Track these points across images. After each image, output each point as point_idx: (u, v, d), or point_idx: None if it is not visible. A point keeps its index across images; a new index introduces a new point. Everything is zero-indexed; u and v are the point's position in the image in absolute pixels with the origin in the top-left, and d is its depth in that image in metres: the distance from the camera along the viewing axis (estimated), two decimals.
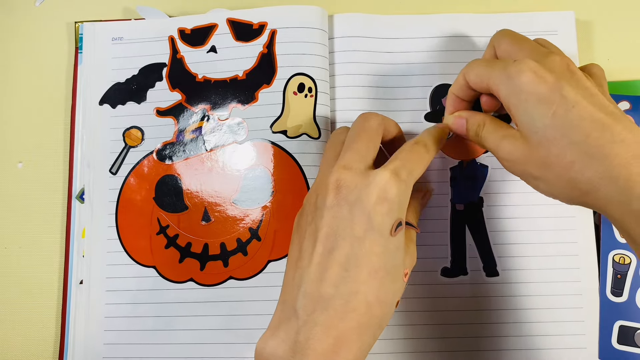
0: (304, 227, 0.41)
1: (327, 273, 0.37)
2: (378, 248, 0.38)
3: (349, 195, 0.39)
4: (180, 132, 0.52)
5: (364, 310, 0.37)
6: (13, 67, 0.56)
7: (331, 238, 0.38)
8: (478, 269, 0.50)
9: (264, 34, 0.53)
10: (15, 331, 0.52)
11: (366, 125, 0.43)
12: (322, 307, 0.37)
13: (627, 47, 0.54)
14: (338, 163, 0.40)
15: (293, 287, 0.39)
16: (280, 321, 0.38)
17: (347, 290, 0.37)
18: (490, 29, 0.53)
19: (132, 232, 0.51)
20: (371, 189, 0.38)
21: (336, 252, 0.38)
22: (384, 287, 0.38)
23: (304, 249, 0.39)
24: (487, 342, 0.49)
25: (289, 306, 0.38)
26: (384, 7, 0.55)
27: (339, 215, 0.38)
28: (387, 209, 0.38)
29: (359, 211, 0.38)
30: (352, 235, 0.38)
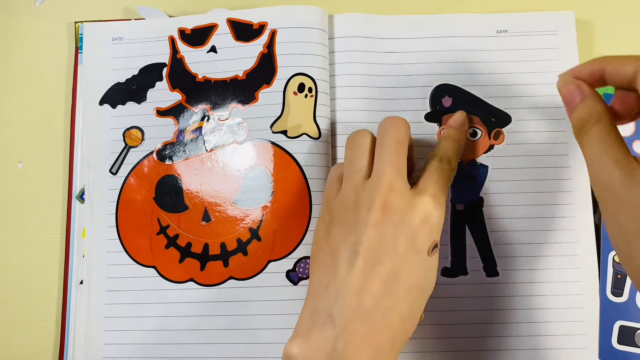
0: (338, 237, 0.42)
1: (369, 286, 0.38)
2: (416, 267, 0.40)
3: (394, 216, 0.40)
4: (181, 132, 0.52)
5: (398, 325, 0.39)
6: (13, 67, 0.56)
7: (374, 253, 0.39)
8: (478, 269, 0.50)
9: (264, 34, 0.53)
10: (15, 331, 0.52)
11: (399, 135, 0.44)
12: (362, 319, 0.38)
13: (627, 47, 0.54)
14: (382, 181, 0.41)
15: (328, 296, 0.39)
16: (312, 327, 0.39)
17: (386, 305, 0.38)
18: (490, 29, 0.53)
19: (132, 232, 0.51)
20: (416, 212, 0.40)
21: (379, 268, 0.39)
22: (416, 303, 0.40)
23: (342, 260, 0.40)
24: (487, 342, 0.49)
25: (323, 313, 0.39)
26: (384, 7, 0.55)
27: (383, 233, 0.40)
28: (428, 231, 0.40)
29: (403, 231, 0.40)
30: (395, 253, 0.39)
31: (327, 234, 0.43)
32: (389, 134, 0.44)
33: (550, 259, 0.50)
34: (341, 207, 0.43)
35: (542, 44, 0.53)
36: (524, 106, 0.52)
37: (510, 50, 0.53)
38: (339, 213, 0.43)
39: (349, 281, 0.39)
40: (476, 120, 0.52)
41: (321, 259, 0.42)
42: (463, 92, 0.52)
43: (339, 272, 0.40)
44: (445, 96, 0.52)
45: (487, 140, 0.52)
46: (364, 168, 0.44)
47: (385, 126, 0.44)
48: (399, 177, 0.42)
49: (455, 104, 0.52)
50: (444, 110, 0.52)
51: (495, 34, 0.53)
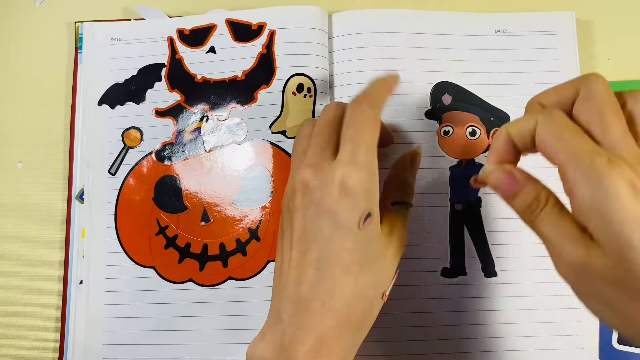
0: (282, 231, 0.41)
1: (303, 275, 0.37)
2: (348, 244, 0.37)
3: (313, 196, 0.38)
4: (180, 133, 0.52)
5: (341, 308, 0.37)
6: (13, 67, 0.56)
7: (303, 240, 0.38)
8: (477, 269, 0.50)
9: (263, 35, 0.53)
10: (15, 331, 0.52)
11: (324, 117, 0.42)
12: (301, 309, 0.37)
13: (627, 47, 0.54)
14: (304, 161, 0.40)
15: (278, 292, 0.39)
16: (269, 325, 0.39)
17: (322, 291, 0.37)
18: (489, 28, 0.53)
19: (131, 232, 0.51)
20: (331, 186, 0.37)
21: (308, 254, 0.37)
22: (361, 281, 0.38)
23: (284, 253, 0.40)
24: (486, 343, 0.49)
25: (275, 310, 0.39)
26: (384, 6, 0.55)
27: (307, 217, 0.38)
28: (351, 203, 0.37)
29: (324, 210, 0.37)
30: (321, 235, 0.37)
31: (279, 231, 0.43)
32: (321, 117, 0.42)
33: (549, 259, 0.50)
34: (283, 200, 0.42)
35: (541, 44, 0.53)
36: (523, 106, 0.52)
37: (508, 49, 0.53)
38: (283, 206, 0.42)
39: (289, 274, 0.38)
40: (475, 119, 0.52)
41: (276, 257, 0.42)
42: (463, 90, 0.52)
43: (284, 266, 0.39)
44: (445, 94, 0.52)
45: (486, 140, 0.52)
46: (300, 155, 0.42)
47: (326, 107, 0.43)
48: (320, 154, 0.39)
49: (455, 102, 0.52)
50: (444, 107, 0.52)
51: (494, 33, 0.53)
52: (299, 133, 0.44)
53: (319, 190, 0.38)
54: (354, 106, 0.40)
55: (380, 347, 0.49)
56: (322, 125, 0.41)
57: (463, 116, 0.52)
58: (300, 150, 0.42)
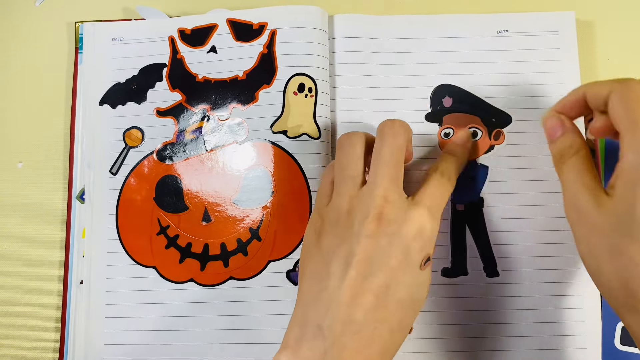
0: (330, 247, 0.41)
1: (360, 299, 0.38)
2: (409, 280, 0.40)
3: (388, 228, 0.40)
4: (181, 133, 0.52)
5: (387, 337, 0.39)
6: (13, 67, 0.56)
7: (367, 265, 0.39)
8: (478, 269, 0.50)
9: (264, 34, 0.53)
10: (15, 331, 0.52)
11: (397, 142, 0.43)
12: (352, 331, 0.37)
13: (627, 47, 0.54)
14: (377, 192, 0.41)
15: (318, 306, 0.39)
16: (302, 339, 0.39)
17: (376, 318, 0.38)
18: (491, 29, 0.53)
19: (133, 232, 0.51)
20: (410, 225, 0.40)
21: (371, 280, 0.38)
22: (407, 316, 0.40)
23: (333, 270, 0.40)
24: (487, 343, 0.49)
25: (313, 325, 0.39)
26: (384, 7, 0.55)
27: (377, 245, 0.39)
28: (422, 245, 0.40)
29: (397, 244, 0.39)
30: (388, 265, 0.39)
31: (317, 241, 0.43)
32: (387, 141, 0.43)
33: (550, 259, 0.50)
34: (333, 215, 0.42)
35: (543, 44, 0.53)
36: (525, 106, 0.52)
37: (510, 50, 0.53)
38: (330, 221, 0.42)
39: (340, 293, 0.38)
40: (476, 121, 0.52)
41: (311, 267, 0.42)
42: (464, 92, 0.52)
43: (330, 283, 0.39)
44: (446, 96, 0.52)
45: (488, 141, 0.52)
46: (357, 175, 0.43)
47: (383, 131, 0.44)
48: (395, 188, 0.41)
49: (456, 104, 0.52)
50: (445, 110, 0.52)
51: (496, 34, 0.53)
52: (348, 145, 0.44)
53: (396, 224, 0.40)
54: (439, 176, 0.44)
55: None
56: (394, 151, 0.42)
57: (464, 118, 0.52)
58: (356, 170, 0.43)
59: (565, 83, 0.52)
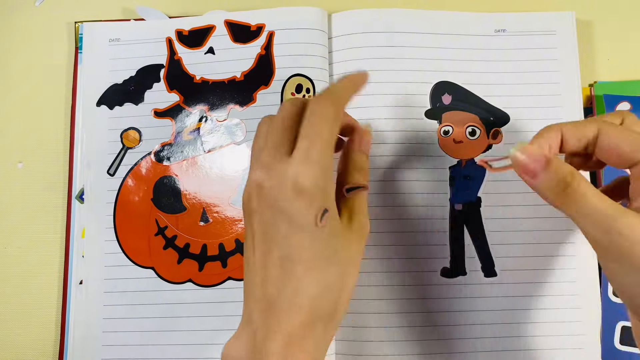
0: (246, 233, 0.40)
1: (268, 276, 0.37)
2: (306, 242, 0.36)
3: (268, 197, 0.37)
4: (178, 134, 0.52)
5: (307, 304, 0.37)
6: (13, 67, 0.56)
7: (264, 241, 0.37)
8: (477, 269, 0.50)
9: (262, 36, 0.53)
10: (15, 331, 0.52)
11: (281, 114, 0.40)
12: (270, 309, 0.37)
13: (627, 47, 0.54)
14: (259, 160, 0.38)
15: (247, 292, 0.39)
16: (242, 326, 0.39)
17: (288, 290, 0.37)
18: (489, 28, 0.53)
19: (131, 233, 0.51)
20: (284, 186, 0.36)
21: (270, 255, 0.37)
22: (325, 276, 0.37)
23: (249, 255, 0.39)
24: (486, 343, 0.49)
25: (247, 312, 0.39)
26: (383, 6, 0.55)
27: (264, 219, 0.37)
28: (307, 202, 0.36)
29: (279, 211, 0.37)
30: (279, 235, 0.37)
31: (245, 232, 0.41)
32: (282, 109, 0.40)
33: (549, 259, 0.50)
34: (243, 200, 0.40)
35: (541, 44, 0.53)
36: (523, 106, 0.52)
37: (508, 49, 0.53)
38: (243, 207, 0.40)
39: (255, 275, 0.38)
40: (475, 119, 0.52)
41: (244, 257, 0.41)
42: (463, 90, 0.52)
43: (249, 268, 0.39)
44: (445, 93, 0.52)
45: (486, 140, 0.52)
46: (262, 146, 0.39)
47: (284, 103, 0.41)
48: (273, 153, 0.38)
49: (455, 101, 0.52)
50: (444, 107, 0.52)
51: (494, 33, 0.53)
52: (257, 131, 0.41)
53: (273, 190, 0.37)
54: (313, 103, 0.39)
55: (380, 347, 0.49)
56: (278, 122, 0.39)
57: (463, 116, 0.52)
58: (257, 150, 0.40)
59: (562, 82, 0.52)
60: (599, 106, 0.52)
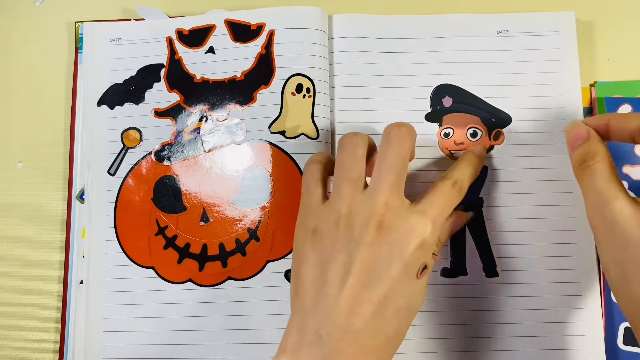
0: (328, 252, 0.41)
1: (359, 307, 0.38)
2: (406, 290, 0.40)
3: (389, 237, 0.39)
4: (179, 133, 0.52)
5: (385, 344, 0.39)
6: (13, 67, 0.56)
7: (366, 274, 0.39)
8: (478, 269, 0.50)
9: (262, 35, 0.53)
10: (15, 331, 0.52)
11: (403, 150, 0.42)
12: (350, 340, 0.37)
13: (627, 47, 0.54)
14: (379, 198, 0.40)
15: (317, 313, 0.39)
16: (300, 345, 0.38)
17: (374, 327, 0.38)
18: (491, 29, 0.53)
19: (131, 233, 0.51)
20: (412, 235, 0.39)
21: (370, 289, 0.39)
22: (403, 325, 0.40)
23: (332, 277, 0.39)
24: (487, 343, 0.49)
25: (311, 331, 0.38)
26: (383, 7, 0.55)
27: (377, 254, 0.39)
28: (421, 254, 0.40)
29: (397, 254, 0.39)
30: (388, 275, 0.39)
31: (313, 243, 0.42)
32: (392, 146, 0.42)
33: (550, 259, 0.50)
34: (331, 219, 0.41)
35: (543, 45, 0.52)
36: (524, 107, 0.52)
37: (510, 50, 0.53)
38: (329, 225, 0.41)
39: (339, 301, 0.38)
40: (476, 121, 0.52)
41: (307, 271, 0.41)
42: (464, 92, 0.52)
43: (329, 291, 0.39)
44: (446, 96, 0.52)
45: (487, 141, 0.51)
46: (358, 178, 0.42)
47: (389, 135, 0.43)
48: (397, 194, 0.41)
49: (456, 104, 0.52)
50: (445, 110, 0.52)
51: (496, 34, 0.53)
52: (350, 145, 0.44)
53: (397, 233, 0.40)
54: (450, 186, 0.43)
55: None
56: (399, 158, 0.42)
57: (464, 118, 0.52)
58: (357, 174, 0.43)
59: (564, 83, 0.52)
60: (600, 108, 0.52)
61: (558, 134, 0.51)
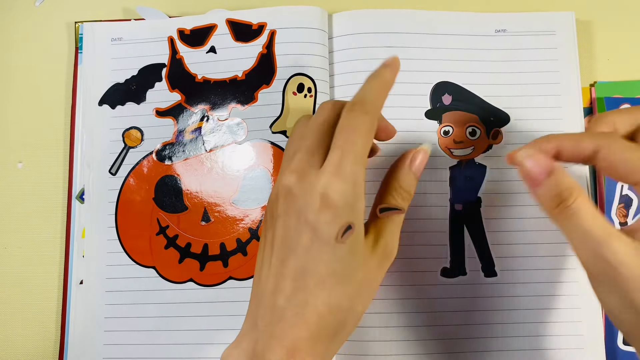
0: (264, 235, 0.40)
1: (280, 285, 0.36)
2: (325, 256, 0.36)
3: (295, 204, 0.37)
4: (180, 133, 0.52)
5: (314, 320, 0.36)
6: (13, 67, 0.56)
7: (283, 248, 0.37)
8: (477, 269, 0.50)
9: (264, 35, 0.53)
10: (15, 331, 0.52)
11: (318, 118, 0.40)
12: (276, 319, 0.36)
13: (627, 47, 0.54)
14: (290, 166, 0.38)
15: (255, 299, 0.38)
16: (245, 332, 0.38)
17: (297, 301, 0.36)
18: (489, 28, 0.53)
19: (132, 232, 0.51)
20: (313, 196, 0.36)
21: (287, 263, 0.36)
22: (335, 294, 0.36)
23: (265, 259, 0.39)
24: (486, 343, 0.49)
25: (252, 317, 0.38)
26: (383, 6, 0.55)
27: (287, 225, 0.37)
28: (332, 215, 0.35)
29: (304, 220, 0.36)
30: (300, 245, 0.36)
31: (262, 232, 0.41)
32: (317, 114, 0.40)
33: (548, 259, 0.50)
34: (268, 202, 0.40)
35: (541, 44, 0.53)
36: (523, 106, 0.52)
37: (508, 49, 0.53)
38: (267, 209, 0.40)
39: (268, 282, 0.37)
40: (475, 119, 0.52)
41: (257, 260, 0.40)
42: (463, 90, 0.52)
43: (262, 272, 0.38)
44: (445, 94, 0.52)
45: (486, 140, 0.52)
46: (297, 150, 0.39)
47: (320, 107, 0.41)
48: (306, 159, 0.37)
49: (455, 102, 0.52)
50: (444, 107, 0.52)
51: (494, 33, 0.53)
52: (292, 133, 0.41)
53: (301, 198, 0.36)
54: (347, 112, 0.38)
55: (380, 347, 0.49)
56: (314, 127, 0.39)
57: (463, 116, 0.52)
58: (291, 152, 0.40)
59: (562, 83, 0.52)
60: (600, 109, 0.52)
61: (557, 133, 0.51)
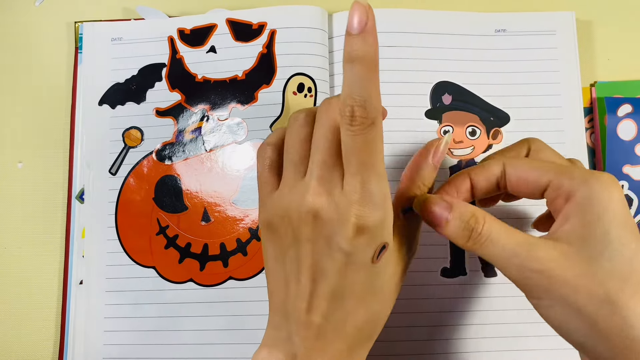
0: (281, 247, 0.38)
1: (315, 305, 0.36)
2: (361, 277, 0.35)
3: (324, 228, 0.35)
4: (180, 133, 0.52)
5: (353, 333, 0.37)
6: (13, 67, 0.56)
7: (314, 271, 0.36)
8: (477, 269, 0.50)
9: (264, 34, 0.53)
10: (15, 331, 0.52)
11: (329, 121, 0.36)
12: (315, 334, 0.36)
13: (627, 47, 0.55)
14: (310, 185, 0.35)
15: (284, 311, 0.38)
16: (276, 342, 0.38)
17: (335, 319, 0.36)
18: (489, 28, 0.53)
19: (132, 232, 0.51)
20: (345, 225, 0.34)
21: (320, 286, 0.36)
22: (372, 306, 0.37)
23: (289, 274, 0.38)
24: (486, 343, 0.49)
25: (283, 329, 0.38)
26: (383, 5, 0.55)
27: (317, 250, 0.35)
28: (366, 240, 0.34)
29: (337, 247, 0.34)
30: (333, 269, 0.35)
31: (270, 237, 0.39)
32: (320, 121, 0.36)
33: None
34: (279, 212, 0.37)
35: (540, 44, 0.53)
36: (523, 106, 0.52)
37: (508, 49, 0.53)
38: (277, 218, 0.37)
39: (298, 300, 0.37)
40: (475, 119, 0.52)
41: (272, 267, 0.39)
42: (463, 90, 0.53)
43: (289, 289, 0.37)
44: (445, 93, 0.52)
45: (486, 140, 0.52)
46: (298, 161, 0.37)
47: (319, 110, 0.37)
48: (329, 177, 0.35)
49: (455, 101, 0.52)
50: (444, 107, 0.52)
51: (494, 33, 0.53)
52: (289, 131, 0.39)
53: (330, 225, 0.34)
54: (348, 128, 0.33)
55: (380, 347, 0.49)
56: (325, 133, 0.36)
57: (463, 116, 0.52)
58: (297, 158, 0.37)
59: (562, 83, 0.52)
60: (600, 109, 0.52)
61: (557, 133, 0.51)
